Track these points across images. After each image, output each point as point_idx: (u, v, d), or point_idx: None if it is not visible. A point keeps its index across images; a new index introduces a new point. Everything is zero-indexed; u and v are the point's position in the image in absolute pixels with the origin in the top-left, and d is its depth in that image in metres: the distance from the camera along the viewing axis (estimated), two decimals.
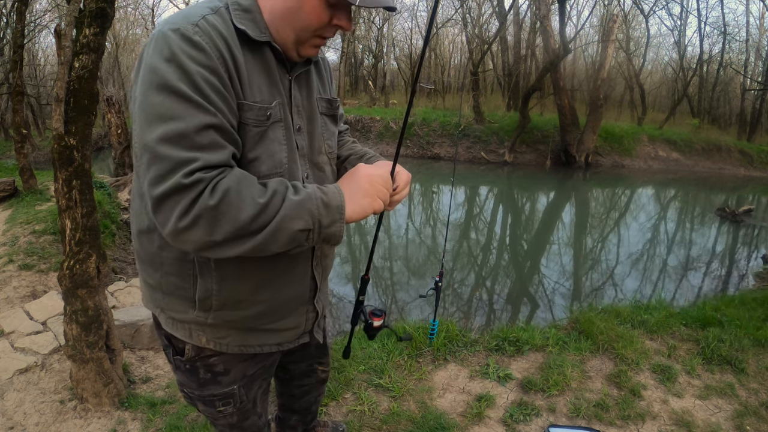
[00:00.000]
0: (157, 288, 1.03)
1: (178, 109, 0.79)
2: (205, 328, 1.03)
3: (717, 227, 8.77)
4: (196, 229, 0.79)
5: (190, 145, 0.79)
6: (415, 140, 15.15)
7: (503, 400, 2.44)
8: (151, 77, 0.81)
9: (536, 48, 19.52)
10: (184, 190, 0.78)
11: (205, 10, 0.88)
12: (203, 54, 0.82)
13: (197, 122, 0.80)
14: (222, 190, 0.79)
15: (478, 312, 4.96)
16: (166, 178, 0.78)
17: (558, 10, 12.71)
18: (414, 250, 7.08)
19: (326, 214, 0.88)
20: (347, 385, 2.50)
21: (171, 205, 0.79)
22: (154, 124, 0.79)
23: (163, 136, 0.78)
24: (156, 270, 1.01)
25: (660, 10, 19.28)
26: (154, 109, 0.80)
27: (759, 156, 14.76)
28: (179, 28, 0.83)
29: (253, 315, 1.04)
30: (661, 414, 2.37)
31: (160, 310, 1.06)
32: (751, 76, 20.14)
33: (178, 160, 0.78)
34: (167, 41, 0.82)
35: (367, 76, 25.66)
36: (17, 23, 6.21)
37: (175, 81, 0.79)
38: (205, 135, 0.81)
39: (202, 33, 0.84)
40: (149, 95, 0.81)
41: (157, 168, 0.79)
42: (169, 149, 0.78)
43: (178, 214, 0.78)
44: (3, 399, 2.36)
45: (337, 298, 5.04)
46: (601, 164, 14.05)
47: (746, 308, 3.69)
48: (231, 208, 0.79)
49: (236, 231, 0.80)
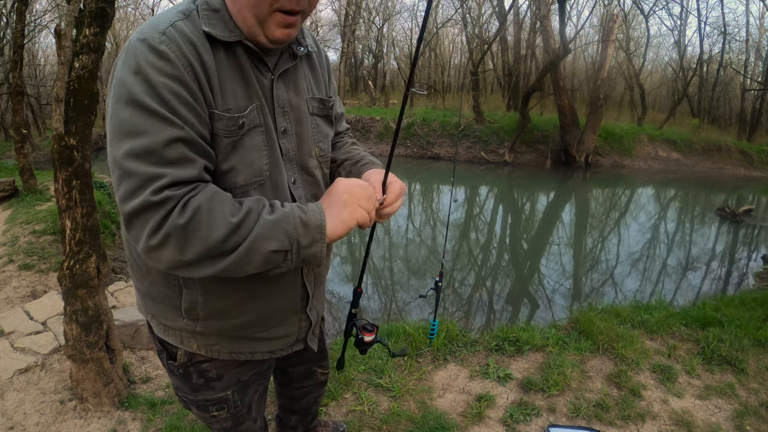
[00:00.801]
0: (147, 295, 1.03)
1: (145, 124, 0.77)
2: (195, 335, 1.02)
3: (717, 227, 8.77)
4: (166, 247, 0.77)
5: (158, 161, 0.77)
6: (415, 140, 15.15)
7: (503, 400, 2.44)
8: (119, 90, 0.80)
9: (536, 48, 19.52)
10: (153, 208, 0.76)
11: (175, 15, 0.86)
12: (169, 64, 0.80)
13: (164, 137, 0.78)
14: (192, 208, 0.77)
15: (478, 312, 4.96)
16: (135, 194, 0.77)
17: (558, 10, 12.71)
18: (414, 250, 7.08)
19: (305, 234, 0.84)
20: (347, 385, 2.51)
21: (141, 222, 0.77)
22: (122, 139, 0.78)
23: (130, 151, 0.77)
24: (145, 278, 1.01)
25: (660, 10, 19.30)
26: (122, 123, 0.79)
27: (759, 156, 14.75)
28: (146, 38, 0.81)
29: (242, 324, 1.02)
30: (661, 414, 2.37)
31: (152, 317, 1.06)
32: (751, 76, 20.14)
33: (145, 177, 0.76)
34: (135, 52, 0.80)
35: (367, 76, 25.66)
36: (17, 23, 6.22)
37: (141, 95, 0.78)
38: (173, 149, 0.78)
39: (169, 42, 0.81)
40: (118, 109, 0.79)
41: (126, 184, 0.78)
42: (136, 165, 0.77)
43: (148, 232, 0.77)
44: (3, 399, 2.36)
45: (336, 298, 5.04)
46: (601, 164, 14.05)
47: (746, 308, 3.69)
48: (202, 226, 0.77)
49: (207, 251, 0.78)
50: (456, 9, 20.12)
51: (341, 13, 23.19)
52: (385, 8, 23.17)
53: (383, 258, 6.67)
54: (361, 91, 24.96)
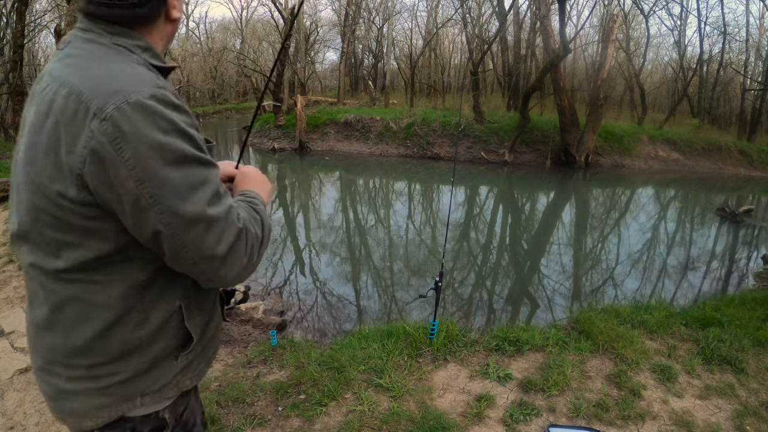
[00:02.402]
0: (132, 377, 0.94)
1: (204, 173, 0.84)
2: (186, 371, 1.02)
3: (717, 227, 8.77)
4: (252, 259, 0.91)
5: (222, 197, 0.87)
6: (415, 140, 15.15)
7: (503, 400, 2.44)
8: (160, 154, 0.78)
9: (536, 48, 19.54)
10: (242, 233, 0.88)
11: (139, 68, 0.85)
12: (188, 115, 0.86)
13: (216, 176, 0.87)
14: (247, 219, 0.92)
15: (478, 312, 4.96)
16: (226, 231, 0.86)
17: (558, 10, 12.71)
18: (414, 250, 7.07)
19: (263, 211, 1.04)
20: (347, 385, 2.51)
21: (236, 250, 0.87)
22: (192, 194, 0.82)
23: (208, 200, 0.83)
24: (130, 357, 0.92)
25: (660, 10, 19.30)
26: (184, 182, 0.81)
27: (759, 156, 14.75)
28: (156, 95, 0.80)
29: (214, 323, 1.10)
30: (661, 414, 2.37)
31: (140, 397, 0.96)
32: (751, 76, 20.14)
33: (225, 214, 0.86)
34: (156, 112, 0.79)
35: (367, 76, 25.67)
36: (17, 23, 6.22)
37: (189, 149, 0.82)
38: (221, 185, 0.89)
39: (171, 94, 0.84)
40: (169, 173, 0.79)
41: (216, 230, 0.85)
42: (216, 209, 0.84)
43: (244, 255, 0.89)
44: (3, 399, 2.36)
45: (336, 297, 5.04)
46: (601, 164, 14.05)
47: (746, 308, 3.69)
48: (257, 230, 0.93)
49: (261, 245, 0.94)
50: (456, 9, 20.14)
51: (341, 13, 23.20)
52: (385, 8, 23.19)
53: (383, 258, 6.67)
54: (361, 91, 24.96)
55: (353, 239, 7.53)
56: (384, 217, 9.15)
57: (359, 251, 6.93)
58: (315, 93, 26.32)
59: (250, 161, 15.87)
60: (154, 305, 0.92)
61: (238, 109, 30.52)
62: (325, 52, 33.10)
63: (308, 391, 2.47)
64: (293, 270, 5.94)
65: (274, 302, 4.68)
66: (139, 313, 0.91)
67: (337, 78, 23.42)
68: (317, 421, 2.26)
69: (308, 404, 2.37)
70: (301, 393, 2.47)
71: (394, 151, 15.14)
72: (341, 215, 9.11)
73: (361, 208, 10.11)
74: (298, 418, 2.29)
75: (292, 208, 9.72)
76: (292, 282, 5.48)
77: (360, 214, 9.42)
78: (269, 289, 5.11)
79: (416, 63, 22.07)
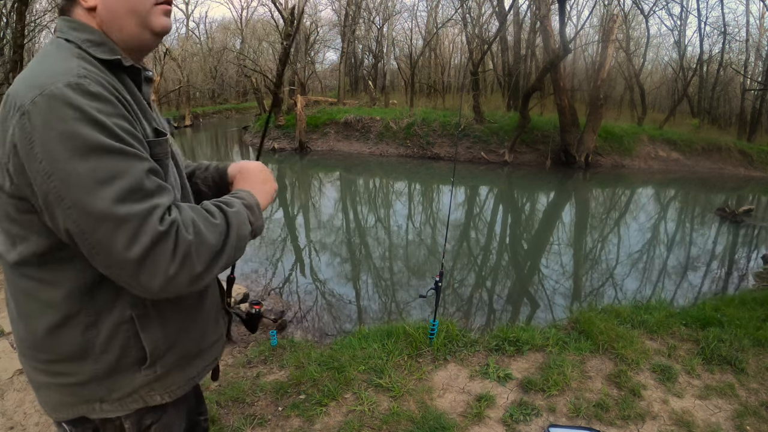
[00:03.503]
0: (89, 380, 0.91)
1: (118, 165, 0.76)
2: (154, 385, 0.97)
3: (717, 227, 8.76)
4: (184, 270, 0.79)
5: (145, 195, 0.77)
6: (415, 140, 15.15)
7: (503, 400, 2.44)
8: (68, 145, 0.73)
9: (536, 48, 19.53)
10: (164, 237, 0.77)
11: (72, 60, 0.81)
12: (110, 104, 0.78)
13: (140, 171, 0.78)
14: (190, 223, 0.81)
15: (478, 312, 4.96)
16: (140, 233, 0.75)
17: (558, 10, 12.71)
18: (414, 250, 7.07)
19: (251, 214, 0.96)
20: (347, 385, 2.51)
21: (155, 257, 0.77)
22: (98, 189, 0.74)
23: (117, 197, 0.75)
24: (84, 360, 0.90)
25: (660, 10, 19.28)
26: (91, 175, 0.74)
27: (759, 156, 14.74)
28: (71, 83, 0.76)
29: (194, 339, 1.03)
30: (661, 414, 2.37)
31: (99, 402, 0.93)
32: (751, 76, 20.12)
33: (143, 214, 0.76)
34: (67, 101, 0.74)
35: (367, 76, 25.66)
36: (17, 23, 6.22)
37: (101, 139, 0.75)
38: (151, 181, 0.79)
39: (93, 82, 0.78)
40: (76, 165, 0.74)
41: (125, 230, 0.75)
42: (129, 207, 0.75)
43: (165, 264, 0.77)
44: (3, 399, 2.36)
45: (336, 297, 5.04)
46: (601, 164, 14.05)
47: (746, 308, 3.69)
48: (202, 236, 0.82)
49: (212, 255, 0.83)
50: (456, 9, 20.14)
51: (341, 13, 23.20)
52: (385, 8, 23.19)
53: (383, 258, 6.67)
54: (361, 91, 24.96)
55: (353, 239, 7.53)
56: (384, 217, 9.15)
57: (359, 251, 6.93)
58: (315, 93, 26.32)
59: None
60: (104, 311, 0.88)
61: (238, 109, 30.53)
62: (325, 52, 33.12)
63: (308, 391, 2.47)
64: (293, 270, 5.94)
65: (274, 302, 4.68)
66: (88, 317, 0.88)
67: (337, 78, 23.41)
68: (317, 421, 2.26)
69: (308, 404, 2.37)
70: (301, 393, 2.47)
71: (394, 151, 15.14)
72: (341, 215, 9.11)
73: (361, 208, 10.11)
74: (298, 418, 2.29)
75: (291, 208, 9.72)
76: (292, 282, 5.48)
77: (360, 214, 9.42)
78: (269, 289, 5.11)
79: (416, 63, 22.06)
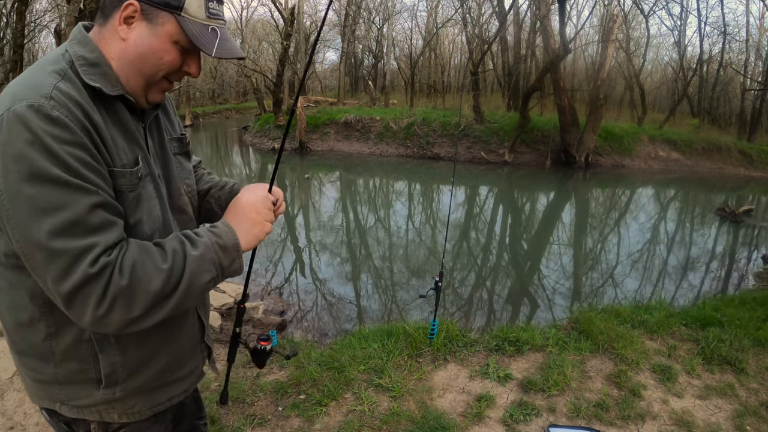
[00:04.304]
0: (51, 382, 0.94)
1: (61, 198, 0.74)
2: (114, 404, 0.98)
3: (717, 227, 8.77)
4: (114, 312, 0.78)
5: (85, 232, 0.76)
6: (415, 140, 15.15)
7: (503, 400, 2.44)
8: (18, 167, 0.74)
9: (536, 48, 19.53)
10: (94, 279, 0.76)
11: (52, 76, 0.82)
12: (67, 131, 0.76)
13: (84, 206, 0.76)
14: (128, 267, 0.79)
15: (478, 312, 4.96)
16: (71, 271, 0.75)
17: (558, 10, 12.72)
18: (414, 250, 7.07)
19: (225, 257, 0.91)
20: (347, 385, 2.51)
21: (84, 296, 0.76)
22: (38, 218, 0.74)
23: (54, 229, 0.74)
24: (47, 362, 0.93)
25: (660, 10, 19.29)
26: (33, 202, 0.74)
27: (759, 156, 14.75)
28: (33, 104, 0.75)
29: (160, 370, 1.02)
30: (661, 414, 2.37)
31: (60, 404, 0.96)
32: (751, 76, 20.14)
33: (77, 251, 0.75)
34: (25, 122, 0.74)
35: (367, 76, 25.66)
36: (17, 23, 6.23)
37: (47, 167, 0.74)
38: (95, 216, 0.78)
39: (59, 106, 0.77)
40: (22, 188, 0.74)
41: (57, 264, 0.75)
42: (64, 242, 0.75)
43: (94, 304, 0.77)
44: (3, 399, 2.36)
45: (336, 297, 5.04)
46: (601, 164, 14.05)
47: (746, 308, 3.69)
48: (141, 282, 0.80)
49: (152, 301, 0.81)
50: (456, 9, 20.13)
51: (341, 13, 23.18)
52: (385, 8, 23.19)
53: (383, 258, 6.67)
54: (361, 91, 24.96)
55: (353, 239, 7.53)
56: (384, 217, 9.15)
57: (359, 251, 6.93)
58: (315, 93, 26.32)
59: (250, 161, 15.88)
60: (64, 325, 0.88)
61: (238, 109, 30.50)
62: (325, 52, 33.08)
63: (308, 391, 2.47)
64: (293, 270, 5.94)
65: (274, 302, 4.68)
66: (48, 327, 0.89)
67: (337, 78, 23.43)
68: (317, 421, 2.26)
69: (308, 404, 2.37)
70: (301, 393, 2.47)
71: (394, 151, 15.14)
72: (341, 215, 9.12)
73: (361, 208, 10.12)
74: (298, 418, 2.29)
75: (291, 208, 9.72)
76: (292, 282, 5.48)
77: (360, 214, 9.42)
78: (269, 289, 5.11)
79: (416, 63, 22.07)
